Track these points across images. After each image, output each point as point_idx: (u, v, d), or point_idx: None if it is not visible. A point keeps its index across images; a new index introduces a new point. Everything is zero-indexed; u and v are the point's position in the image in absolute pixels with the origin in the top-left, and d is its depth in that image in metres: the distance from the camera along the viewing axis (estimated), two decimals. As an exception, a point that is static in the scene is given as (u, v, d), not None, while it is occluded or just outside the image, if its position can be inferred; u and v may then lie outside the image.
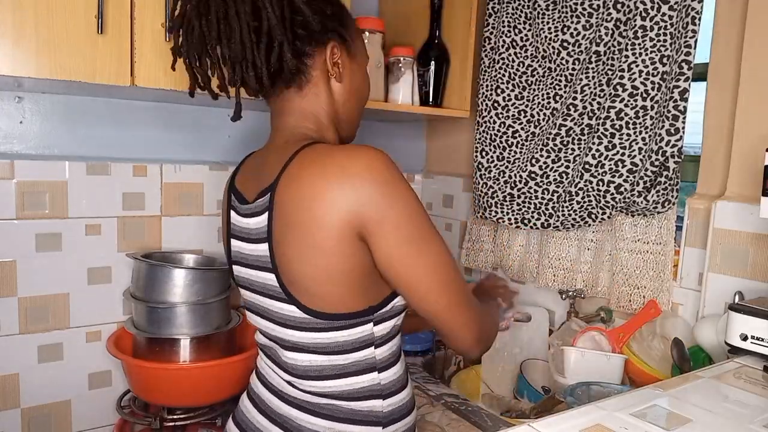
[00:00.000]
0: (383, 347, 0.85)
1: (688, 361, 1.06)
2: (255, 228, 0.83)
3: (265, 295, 0.84)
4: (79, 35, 1.00)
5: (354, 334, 0.81)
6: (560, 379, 1.18)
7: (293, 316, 0.81)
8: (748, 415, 0.67)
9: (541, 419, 0.64)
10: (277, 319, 0.83)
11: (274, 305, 0.83)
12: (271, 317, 0.85)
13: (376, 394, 0.84)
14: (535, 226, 1.40)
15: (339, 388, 0.83)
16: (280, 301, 0.82)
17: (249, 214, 0.84)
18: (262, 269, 0.83)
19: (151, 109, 1.42)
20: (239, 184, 0.91)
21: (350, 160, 0.74)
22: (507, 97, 1.47)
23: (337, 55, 0.86)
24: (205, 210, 1.48)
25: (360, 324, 0.81)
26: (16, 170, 1.24)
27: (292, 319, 0.81)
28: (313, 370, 0.83)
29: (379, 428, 0.84)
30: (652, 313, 1.18)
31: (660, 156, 1.15)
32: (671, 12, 1.14)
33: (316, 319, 0.79)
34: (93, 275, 1.34)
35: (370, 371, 0.84)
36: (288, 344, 0.84)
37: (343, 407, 0.83)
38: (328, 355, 0.82)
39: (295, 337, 0.82)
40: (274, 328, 0.85)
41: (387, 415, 0.84)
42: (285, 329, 0.83)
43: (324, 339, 0.81)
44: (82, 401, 1.35)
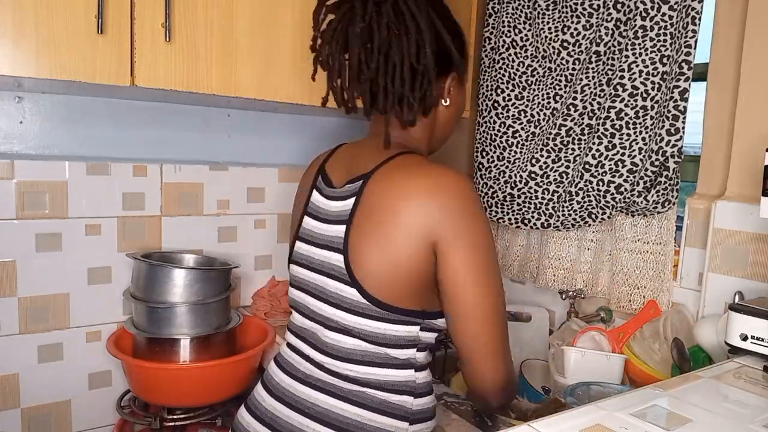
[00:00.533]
0: (423, 353, 0.88)
1: (688, 361, 1.06)
2: (336, 210, 0.87)
3: (327, 275, 0.87)
4: (79, 35, 1.00)
5: (402, 331, 0.84)
6: (560, 379, 1.17)
7: (351, 299, 0.83)
8: (748, 415, 0.67)
9: (541, 419, 0.64)
10: (333, 299, 0.85)
11: (334, 286, 0.85)
12: (325, 297, 0.87)
13: (410, 391, 0.86)
14: (535, 226, 1.40)
15: (377, 377, 0.84)
16: (342, 282, 0.84)
17: (334, 197, 0.89)
18: (331, 249, 0.86)
19: (151, 109, 1.42)
20: (329, 168, 0.96)
21: (444, 177, 0.80)
22: (507, 97, 1.47)
23: (453, 86, 0.93)
24: (205, 210, 1.48)
25: (410, 323, 0.84)
26: (16, 170, 1.24)
27: (348, 302, 0.83)
28: (357, 354, 0.84)
29: (407, 424, 0.85)
30: (652, 313, 1.18)
31: (660, 156, 1.15)
32: (671, 12, 1.14)
33: (372, 306, 0.82)
34: (93, 275, 1.34)
35: (408, 368, 0.86)
36: (335, 326, 0.86)
37: (376, 397, 0.84)
38: (374, 344, 0.84)
39: (345, 320, 0.84)
40: (324, 309, 0.87)
41: (416, 412, 0.86)
42: (338, 311, 0.85)
43: (373, 328, 0.83)
44: (82, 401, 1.35)
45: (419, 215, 0.78)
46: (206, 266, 1.37)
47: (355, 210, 0.84)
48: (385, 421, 0.84)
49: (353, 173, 0.88)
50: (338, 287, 0.85)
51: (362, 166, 0.88)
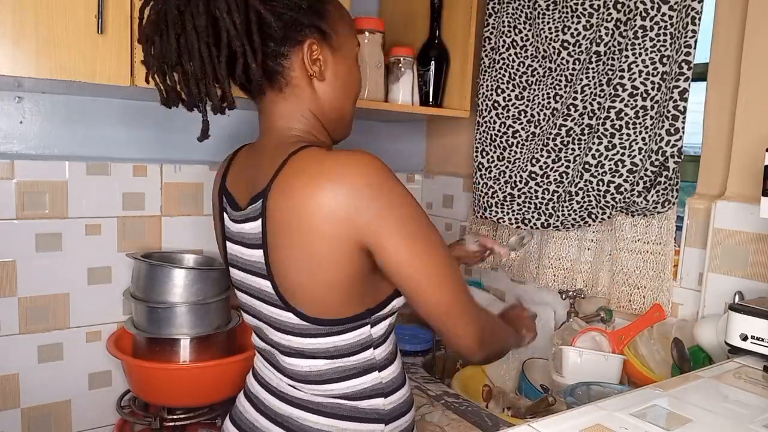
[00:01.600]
0: (381, 347, 0.85)
1: (688, 361, 1.06)
2: (249, 233, 0.81)
3: (262, 301, 0.84)
4: (79, 35, 1.00)
5: (353, 338, 0.81)
6: (558, 378, 1.18)
7: (291, 322, 0.80)
8: (748, 415, 0.67)
9: (541, 419, 0.64)
10: (275, 324, 0.83)
11: (271, 311, 0.82)
12: (268, 322, 0.84)
13: (379, 393, 0.84)
14: (535, 226, 1.40)
15: (342, 390, 0.83)
16: (277, 307, 0.81)
17: (242, 219, 0.82)
18: (257, 275, 0.82)
19: (151, 109, 1.42)
20: (230, 186, 0.89)
21: (342, 167, 0.72)
22: (507, 97, 1.47)
23: (317, 52, 0.81)
24: (205, 210, 1.48)
25: (358, 327, 0.81)
26: (16, 170, 1.24)
27: (290, 326, 0.81)
28: (314, 375, 0.83)
29: (382, 425, 0.84)
30: (656, 317, 1.17)
31: (660, 156, 1.15)
32: (671, 12, 1.14)
33: (314, 325, 0.79)
34: (93, 275, 1.34)
35: (371, 371, 0.84)
36: (286, 349, 0.84)
37: (346, 406, 0.83)
38: (328, 359, 0.82)
39: (293, 343, 0.82)
40: (272, 333, 0.85)
41: (389, 412, 0.85)
42: (283, 335, 0.83)
43: (323, 344, 0.81)
44: (82, 401, 1.35)
45: (331, 218, 0.71)
46: (206, 266, 1.37)
47: (266, 232, 0.77)
48: (360, 427, 0.83)
49: (254, 189, 0.81)
50: (277, 313, 0.81)
51: (259, 177, 0.80)
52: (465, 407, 1.19)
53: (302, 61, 0.81)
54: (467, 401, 1.23)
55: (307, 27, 0.80)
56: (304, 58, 0.81)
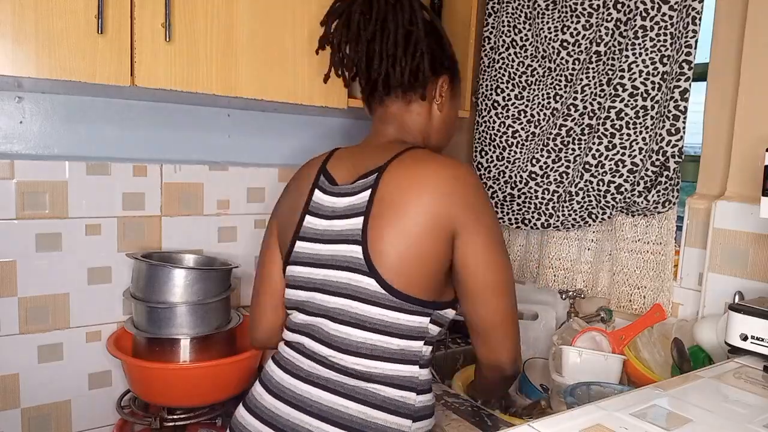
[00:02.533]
0: (430, 346, 0.90)
1: (688, 361, 1.05)
2: (347, 205, 0.89)
3: (338, 268, 0.88)
4: (79, 35, 1.00)
5: (414, 322, 0.86)
6: (558, 378, 1.17)
7: (367, 289, 0.84)
8: (748, 415, 0.67)
9: (541, 419, 0.64)
10: (345, 291, 0.86)
11: (347, 277, 0.86)
12: (334, 290, 0.88)
13: (413, 387, 0.87)
14: (535, 227, 1.40)
15: (383, 372, 0.85)
16: (358, 273, 0.85)
17: (342, 193, 0.91)
18: (347, 242, 0.87)
19: (151, 109, 1.42)
20: (330, 168, 0.98)
21: (456, 169, 0.87)
22: (507, 97, 1.47)
23: (445, 88, 1.01)
24: (205, 210, 1.48)
25: (421, 314, 0.86)
26: (16, 170, 1.24)
27: (363, 292, 0.84)
28: (365, 348, 0.85)
29: (410, 421, 0.85)
30: (657, 317, 1.16)
31: (660, 156, 1.15)
32: (671, 12, 1.14)
33: (389, 295, 0.84)
34: (93, 275, 1.34)
35: (414, 364, 0.87)
36: (345, 317, 0.86)
37: (379, 393, 0.85)
38: (385, 335, 0.85)
39: (357, 311, 0.85)
40: (333, 301, 0.88)
41: (418, 409, 0.87)
42: (350, 301, 0.86)
43: (387, 317, 0.84)
44: (82, 401, 1.35)
45: (438, 205, 0.83)
46: (206, 266, 1.37)
47: (372, 202, 0.86)
48: (389, 419, 0.84)
49: (362, 170, 0.92)
50: (353, 278, 0.86)
51: (371, 162, 0.91)
52: (465, 407, 1.19)
53: (433, 89, 1.00)
54: (467, 401, 1.22)
55: (448, 68, 1.02)
56: (437, 87, 1.00)
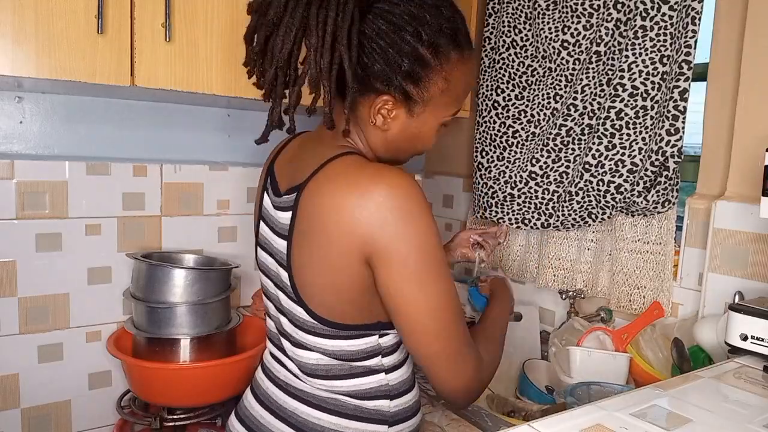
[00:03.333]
0: (391, 356, 0.85)
1: (688, 361, 1.06)
2: (280, 222, 0.82)
3: (280, 289, 0.85)
4: (79, 35, 1.00)
5: (359, 344, 0.81)
6: (566, 379, 1.17)
7: (301, 317, 0.81)
8: (748, 415, 0.67)
9: (541, 419, 0.64)
10: (288, 315, 0.84)
11: (286, 301, 0.84)
12: (283, 312, 0.86)
13: (384, 394, 0.84)
14: (535, 226, 1.40)
15: (347, 388, 0.83)
16: (290, 299, 0.82)
17: (278, 206, 0.84)
18: (279, 264, 0.83)
19: (151, 109, 1.42)
20: (277, 170, 0.89)
21: (374, 184, 0.72)
22: (507, 97, 1.47)
23: (388, 108, 0.79)
24: (205, 210, 1.48)
25: (365, 335, 0.81)
26: (16, 170, 1.24)
27: (300, 320, 0.82)
28: (321, 369, 0.83)
29: (386, 427, 0.84)
30: (656, 314, 1.17)
31: (660, 156, 1.15)
32: (671, 12, 1.14)
33: (321, 325, 0.79)
34: (93, 275, 1.34)
35: (378, 373, 0.84)
36: (295, 342, 0.84)
37: (350, 404, 0.83)
38: (334, 359, 0.82)
39: (301, 337, 0.83)
40: (285, 323, 0.86)
41: (394, 414, 0.85)
42: (294, 327, 0.83)
43: (329, 345, 0.81)
44: (82, 401, 1.35)
45: (349, 227, 0.72)
46: (206, 266, 1.37)
47: (293, 225, 0.79)
48: (363, 427, 0.83)
49: (294, 179, 0.82)
50: (289, 304, 0.82)
51: (301, 171, 0.81)
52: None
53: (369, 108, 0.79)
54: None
55: (393, 86, 0.77)
56: (372, 107, 0.79)
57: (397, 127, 0.81)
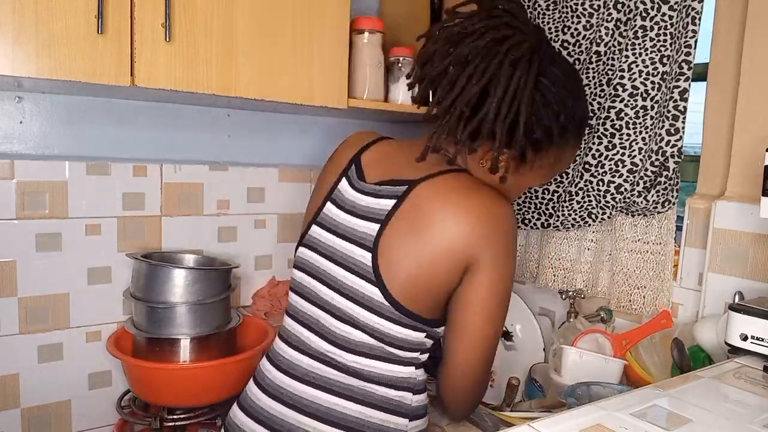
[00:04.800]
0: (426, 353, 0.91)
1: (688, 361, 1.05)
2: (368, 206, 0.87)
3: (347, 269, 0.86)
4: (79, 35, 1.00)
5: (411, 336, 0.85)
6: (555, 377, 1.17)
7: (371, 297, 0.83)
8: (748, 415, 0.67)
9: (541, 419, 0.64)
10: (350, 293, 0.85)
11: (353, 280, 0.85)
12: (339, 288, 0.87)
13: (410, 387, 0.87)
14: (535, 227, 1.40)
15: (381, 371, 0.85)
16: (364, 279, 0.84)
17: (367, 192, 0.89)
18: (358, 245, 0.86)
19: (151, 109, 1.42)
20: (365, 161, 0.94)
21: (492, 203, 0.82)
22: (507, 97, 1.46)
23: (503, 160, 0.87)
24: (205, 210, 1.48)
25: (419, 330, 0.86)
26: (16, 170, 1.24)
27: (366, 299, 0.84)
28: (364, 347, 0.85)
29: (407, 420, 0.86)
30: (664, 324, 1.15)
31: (660, 156, 1.15)
32: (671, 12, 1.14)
33: (392, 308, 0.83)
34: (93, 275, 1.34)
35: (410, 365, 0.88)
36: (346, 318, 0.86)
37: (377, 393, 0.85)
38: (382, 343, 0.85)
39: (359, 316, 0.84)
40: (336, 299, 0.87)
41: (414, 409, 0.88)
42: (353, 305, 0.85)
43: (386, 328, 0.84)
44: (82, 401, 1.35)
45: (461, 235, 0.80)
46: (206, 266, 1.37)
47: (394, 212, 0.84)
48: (387, 418, 0.85)
49: (393, 174, 0.88)
50: (358, 283, 0.85)
51: (406, 170, 0.88)
52: (465, 407, 1.18)
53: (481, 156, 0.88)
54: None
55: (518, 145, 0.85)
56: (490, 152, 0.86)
57: (512, 178, 0.91)
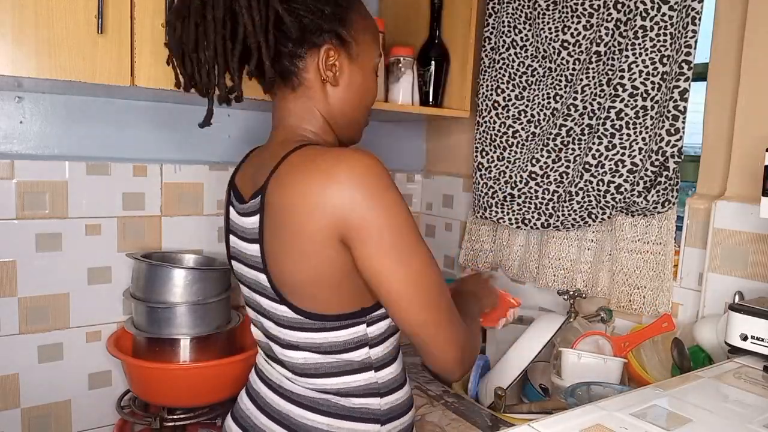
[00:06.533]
0: (378, 347, 0.84)
1: (688, 361, 1.06)
2: (249, 227, 0.83)
3: (260, 294, 0.85)
4: (79, 35, 1.00)
5: (346, 335, 0.81)
6: (556, 379, 1.17)
7: (285, 315, 0.81)
8: (748, 415, 0.67)
9: (541, 419, 0.64)
10: (273, 317, 0.84)
11: (268, 304, 0.84)
12: (266, 315, 0.86)
13: (374, 392, 0.84)
14: (535, 227, 1.40)
15: (336, 386, 0.83)
16: (272, 300, 0.82)
17: (244, 213, 0.84)
18: (255, 268, 0.83)
19: (151, 109, 1.42)
20: (239, 181, 0.91)
21: (335, 166, 0.72)
22: (507, 97, 1.47)
23: (333, 57, 0.82)
24: (205, 210, 1.48)
25: (352, 325, 0.81)
26: (16, 170, 1.24)
27: (285, 319, 0.82)
28: (310, 368, 0.83)
29: (378, 425, 0.84)
30: (665, 327, 1.15)
31: (660, 156, 1.15)
32: (671, 12, 1.14)
33: (307, 319, 0.79)
34: (93, 275, 1.34)
35: (367, 370, 0.84)
36: (283, 342, 0.84)
37: (340, 404, 0.83)
38: (323, 354, 0.82)
39: (288, 336, 0.83)
40: (270, 326, 0.86)
41: (385, 412, 0.85)
42: (279, 327, 0.83)
43: (317, 339, 0.81)
44: (82, 401, 1.35)
45: (318, 213, 0.72)
46: (206, 266, 1.37)
47: (263, 226, 0.79)
48: (356, 426, 0.83)
49: (256, 184, 0.83)
50: (271, 305, 0.83)
51: (261, 175, 0.82)
52: (465, 407, 1.19)
53: (317, 65, 0.83)
54: (467, 401, 1.23)
55: (327, 32, 0.81)
56: (320, 63, 0.82)
57: (345, 78, 0.85)
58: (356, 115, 0.89)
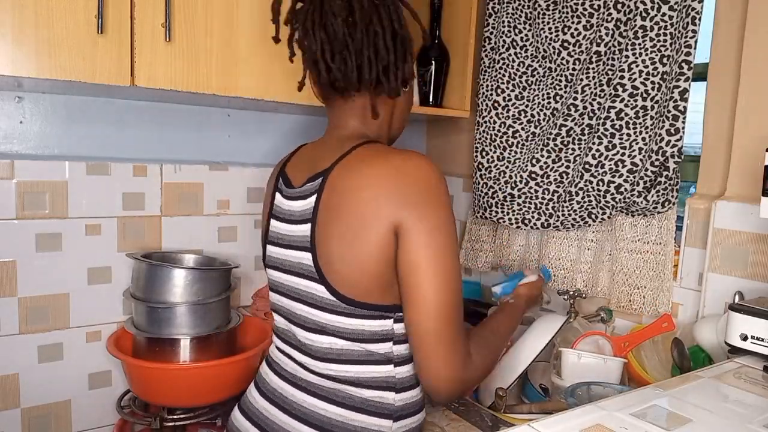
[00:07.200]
0: (403, 345, 0.86)
1: (688, 361, 1.06)
2: (299, 210, 0.87)
3: (297, 275, 0.87)
4: (79, 35, 1.00)
5: (375, 326, 0.83)
6: (556, 380, 1.17)
7: (321, 296, 0.83)
8: (748, 415, 0.67)
9: (541, 419, 0.64)
10: (306, 298, 0.86)
11: (305, 284, 0.86)
12: (299, 297, 0.88)
13: (390, 387, 0.85)
14: (535, 227, 1.40)
15: (354, 374, 0.84)
16: (311, 280, 0.85)
17: (295, 197, 0.89)
18: (299, 248, 0.86)
19: (151, 109, 1.42)
20: (289, 170, 0.96)
21: (404, 162, 0.80)
22: (507, 97, 1.47)
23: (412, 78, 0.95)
24: (205, 210, 1.48)
25: (380, 317, 0.83)
26: (16, 170, 1.24)
27: (318, 299, 0.84)
28: (333, 353, 0.85)
29: (390, 421, 0.85)
30: (665, 327, 1.15)
31: (660, 156, 1.15)
32: (671, 12, 1.14)
33: (341, 303, 0.82)
34: (93, 275, 1.34)
35: (387, 363, 0.85)
36: (310, 324, 0.86)
37: (355, 395, 0.84)
38: (348, 341, 0.84)
39: (318, 318, 0.85)
40: (299, 308, 0.88)
41: (398, 409, 0.86)
42: (311, 309, 0.85)
43: (346, 324, 0.83)
44: (82, 401, 1.35)
45: (380, 203, 0.78)
46: (206, 266, 1.37)
47: (318, 207, 0.83)
48: (368, 420, 0.84)
49: (312, 171, 0.88)
50: (309, 285, 0.85)
51: (322, 162, 0.87)
52: (465, 407, 1.19)
53: None
54: (467, 401, 1.22)
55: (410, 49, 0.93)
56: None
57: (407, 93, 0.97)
58: (404, 126, 1.02)
